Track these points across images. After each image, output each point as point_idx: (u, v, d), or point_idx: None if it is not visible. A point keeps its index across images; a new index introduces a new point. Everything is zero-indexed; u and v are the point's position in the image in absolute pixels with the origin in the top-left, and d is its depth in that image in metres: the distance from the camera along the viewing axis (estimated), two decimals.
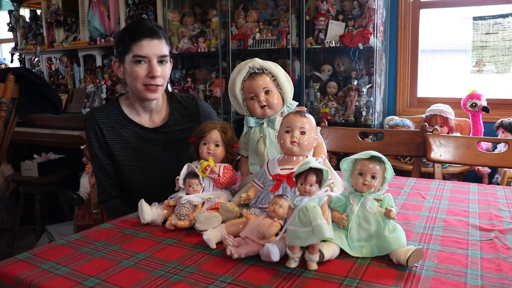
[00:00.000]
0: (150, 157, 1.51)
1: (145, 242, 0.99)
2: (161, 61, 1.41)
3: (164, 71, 1.43)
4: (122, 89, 3.52)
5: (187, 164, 1.13)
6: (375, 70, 2.73)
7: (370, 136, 2.65)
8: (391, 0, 2.91)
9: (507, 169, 2.29)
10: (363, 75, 2.82)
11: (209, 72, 3.34)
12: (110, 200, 1.53)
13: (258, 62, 1.21)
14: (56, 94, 2.78)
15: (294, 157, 1.04)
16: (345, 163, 0.96)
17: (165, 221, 1.08)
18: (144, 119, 1.52)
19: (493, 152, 1.78)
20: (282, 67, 1.26)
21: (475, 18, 2.71)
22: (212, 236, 0.95)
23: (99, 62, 3.81)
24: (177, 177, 1.13)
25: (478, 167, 2.47)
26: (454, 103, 2.70)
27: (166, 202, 1.13)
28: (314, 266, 0.84)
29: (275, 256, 0.84)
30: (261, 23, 2.99)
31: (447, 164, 2.43)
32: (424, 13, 2.93)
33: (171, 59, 1.48)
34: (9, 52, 4.64)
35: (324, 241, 0.86)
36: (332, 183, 1.06)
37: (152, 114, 1.53)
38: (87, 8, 3.75)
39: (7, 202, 3.55)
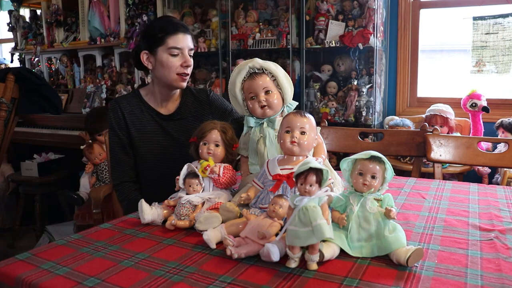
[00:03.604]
0: (161, 146, 1.60)
1: (145, 242, 0.99)
2: (190, 54, 1.55)
3: (192, 63, 1.57)
4: (123, 88, 3.52)
5: (187, 164, 1.13)
6: (375, 70, 2.73)
7: (370, 136, 2.65)
8: (391, 0, 2.91)
9: (507, 169, 2.29)
10: (363, 75, 2.82)
11: (209, 72, 3.34)
12: (127, 183, 1.58)
13: (258, 62, 1.21)
14: (56, 94, 2.78)
15: (294, 157, 1.04)
16: (345, 163, 0.96)
17: (165, 221, 1.08)
18: (161, 107, 1.63)
19: (493, 152, 1.78)
20: (282, 67, 1.26)
21: (475, 18, 2.71)
22: (212, 236, 0.95)
23: (99, 62, 3.81)
24: (177, 177, 1.13)
25: (478, 167, 2.47)
26: (454, 103, 2.70)
27: (166, 202, 1.13)
28: (314, 266, 0.84)
29: (275, 256, 0.84)
30: (261, 23, 2.99)
31: (447, 164, 2.43)
32: (424, 13, 2.93)
33: None
34: (9, 52, 4.64)
35: (324, 241, 0.86)
36: (332, 183, 1.06)
37: (169, 103, 1.64)
38: (87, 8, 3.75)
39: (7, 202, 3.55)
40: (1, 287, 0.84)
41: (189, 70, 1.55)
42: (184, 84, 1.57)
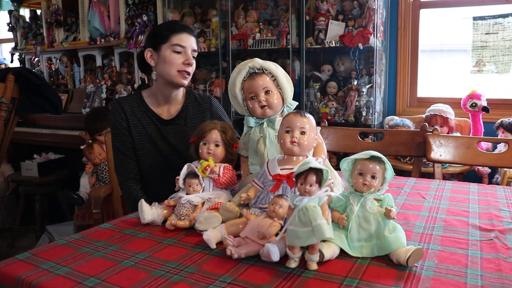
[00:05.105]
0: (159, 150, 1.60)
1: (145, 242, 0.99)
2: (193, 55, 1.57)
3: (193, 63, 1.59)
4: (123, 88, 3.52)
5: (187, 164, 1.13)
6: (375, 70, 2.73)
7: (370, 136, 2.65)
8: (391, 0, 2.91)
9: (507, 169, 2.29)
10: (363, 75, 2.82)
11: (209, 72, 3.34)
12: (131, 181, 1.57)
13: (258, 62, 1.21)
14: (56, 94, 2.78)
15: (294, 157, 1.04)
16: (345, 163, 0.96)
17: (165, 221, 1.08)
18: (162, 110, 1.62)
19: (493, 152, 1.78)
20: (282, 67, 1.26)
21: (475, 18, 2.71)
22: (212, 236, 0.95)
23: (99, 62, 3.81)
24: (177, 177, 1.13)
25: (478, 167, 2.47)
26: (454, 103, 2.70)
27: (166, 202, 1.13)
28: (314, 266, 0.84)
29: (275, 256, 0.84)
30: (261, 23, 2.99)
31: (447, 164, 2.43)
32: (424, 13, 2.93)
33: None
34: (9, 52, 4.64)
35: (324, 241, 0.86)
36: (332, 183, 1.06)
37: (170, 106, 1.63)
38: (87, 8, 3.75)
39: (7, 202, 3.55)
40: (1, 287, 0.84)
41: (190, 69, 1.56)
42: (185, 82, 1.57)
